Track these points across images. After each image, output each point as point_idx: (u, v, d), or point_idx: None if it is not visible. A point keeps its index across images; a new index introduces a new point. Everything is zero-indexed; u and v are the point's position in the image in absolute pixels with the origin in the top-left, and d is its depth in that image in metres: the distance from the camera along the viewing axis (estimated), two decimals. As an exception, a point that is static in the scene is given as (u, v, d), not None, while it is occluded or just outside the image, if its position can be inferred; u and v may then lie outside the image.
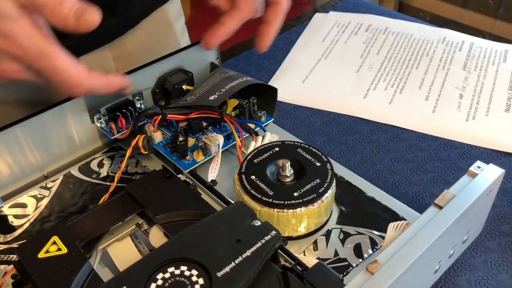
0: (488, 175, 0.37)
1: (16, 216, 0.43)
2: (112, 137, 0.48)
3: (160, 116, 0.47)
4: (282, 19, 0.48)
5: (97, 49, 0.57)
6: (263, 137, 0.47)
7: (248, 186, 0.40)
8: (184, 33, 0.70)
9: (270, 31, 0.47)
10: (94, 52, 0.56)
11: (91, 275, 0.34)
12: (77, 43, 0.45)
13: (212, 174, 0.44)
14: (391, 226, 0.35)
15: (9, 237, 0.42)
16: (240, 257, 0.32)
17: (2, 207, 0.44)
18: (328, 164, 0.42)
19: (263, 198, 0.39)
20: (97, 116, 0.48)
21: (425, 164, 0.51)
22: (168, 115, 0.47)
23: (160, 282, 0.31)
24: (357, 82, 0.64)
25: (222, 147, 0.47)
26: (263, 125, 0.50)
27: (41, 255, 0.34)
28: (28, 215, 0.44)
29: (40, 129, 0.45)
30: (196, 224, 0.35)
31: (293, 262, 0.34)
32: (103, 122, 0.49)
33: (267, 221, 0.35)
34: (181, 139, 0.46)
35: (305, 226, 0.40)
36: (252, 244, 0.33)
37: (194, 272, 0.32)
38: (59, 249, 0.35)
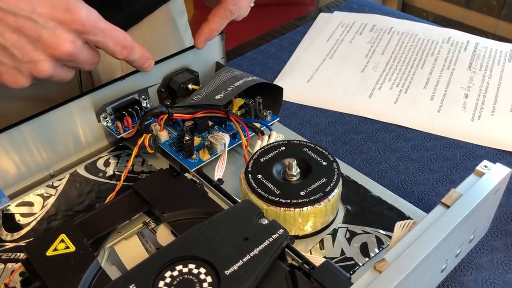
0: (495, 174, 0.37)
1: (23, 215, 0.44)
2: (118, 136, 0.48)
3: (166, 115, 0.47)
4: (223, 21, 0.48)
5: None
6: (269, 136, 0.47)
7: (254, 185, 0.40)
8: (187, 30, 0.70)
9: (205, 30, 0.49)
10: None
11: (99, 273, 0.34)
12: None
13: (218, 173, 0.44)
14: (398, 225, 0.35)
15: (16, 235, 0.42)
16: (248, 255, 0.32)
17: (9, 205, 0.44)
18: (334, 163, 0.42)
19: (269, 197, 0.39)
20: (103, 115, 0.48)
21: (430, 164, 0.51)
22: (174, 114, 0.47)
23: (168, 280, 0.31)
24: (362, 81, 0.64)
25: (228, 146, 0.47)
26: (269, 124, 0.50)
27: (50, 253, 0.35)
28: (35, 213, 0.44)
29: (47, 128, 0.45)
30: (204, 222, 0.35)
31: (300, 261, 0.34)
32: (109, 121, 0.49)
33: (274, 220, 0.35)
34: (187, 138, 0.46)
35: (312, 225, 0.40)
36: (259, 243, 0.33)
37: (202, 270, 0.32)
38: (67, 247, 0.35)
